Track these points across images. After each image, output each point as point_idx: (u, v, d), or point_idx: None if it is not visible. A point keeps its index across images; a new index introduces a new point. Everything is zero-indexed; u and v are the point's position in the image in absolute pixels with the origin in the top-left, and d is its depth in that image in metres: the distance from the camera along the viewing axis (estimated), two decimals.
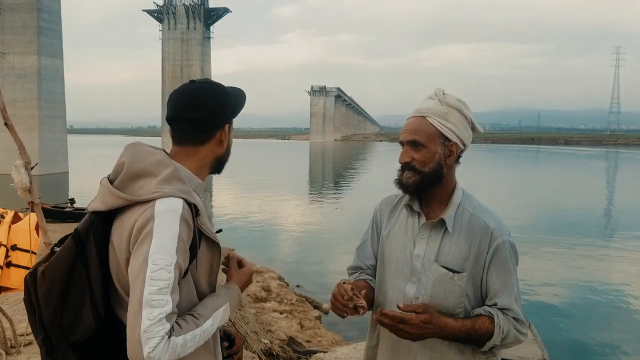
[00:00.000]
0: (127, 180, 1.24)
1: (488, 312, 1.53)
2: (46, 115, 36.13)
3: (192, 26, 61.70)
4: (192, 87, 1.35)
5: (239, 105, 1.41)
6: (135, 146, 1.31)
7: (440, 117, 1.55)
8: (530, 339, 4.78)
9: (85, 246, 1.21)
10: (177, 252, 1.15)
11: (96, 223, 1.24)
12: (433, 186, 1.58)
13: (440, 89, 1.61)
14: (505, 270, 1.54)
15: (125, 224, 1.20)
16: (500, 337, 1.50)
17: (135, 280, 1.13)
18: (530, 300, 9.40)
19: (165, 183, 1.21)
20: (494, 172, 41.75)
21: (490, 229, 1.54)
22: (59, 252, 1.23)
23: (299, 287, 10.06)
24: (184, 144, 1.34)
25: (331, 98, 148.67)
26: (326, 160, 68.36)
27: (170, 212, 1.17)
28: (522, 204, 22.99)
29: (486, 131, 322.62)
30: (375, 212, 1.78)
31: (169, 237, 1.15)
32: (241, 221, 18.37)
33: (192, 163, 1.34)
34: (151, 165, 1.24)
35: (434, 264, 1.56)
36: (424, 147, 1.55)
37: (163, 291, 1.11)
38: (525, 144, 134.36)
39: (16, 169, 5.30)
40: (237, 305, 1.38)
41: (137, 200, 1.20)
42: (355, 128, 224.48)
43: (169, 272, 1.13)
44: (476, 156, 62.05)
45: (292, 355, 5.74)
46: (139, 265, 1.13)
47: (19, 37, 35.38)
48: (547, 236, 15.46)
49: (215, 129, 1.34)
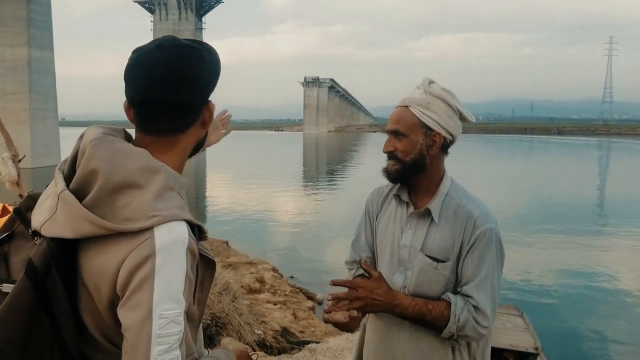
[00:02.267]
0: (104, 197, 0.93)
1: (447, 297, 1.52)
2: (37, 107, 35.73)
3: (184, 17, 61.22)
4: (167, 57, 1.00)
5: (218, 71, 1.10)
6: (106, 143, 0.98)
7: (422, 106, 1.55)
8: (522, 327, 4.80)
9: (46, 285, 0.90)
10: (184, 294, 0.92)
11: (58, 254, 0.92)
12: (416, 176, 1.59)
13: (427, 78, 1.60)
14: (480, 257, 1.52)
15: (105, 258, 0.92)
16: (456, 325, 1.48)
17: (137, 337, 0.88)
18: (522, 288, 9.46)
19: (160, 199, 0.93)
20: (487, 162, 41.87)
21: (474, 217, 1.54)
22: (11, 301, 0.89)
23: (293, 278, 10.05)
24: (160, 134, 1.03)
25: (324, 89, 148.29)
26: (320, 151, 68.26)
27: (175, 244, 0.92)
28: (515, 193, 23.09)
29: (479, 121, 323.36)
30: (367, 204, 1.78)
31: (176, 278, 0.91)
32: (235, 213, 18.32)
33: (172, 157, 1.04)
34: (136, 173, 0.94)
35: (420, 253, 1.57)
36: (406, 137, 1.56)
37: (173, 347, 0.90)
38: (519, 134, 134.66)
39: (3, 161, 5.23)
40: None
41: (127, 230, 0.90)
42: (349, 119, 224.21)
43: (179, 323, 0.91)
44: (469, 146, 62.23)
45: (285, 346, 5.76)
46: (140, 319, 0.88)
47: (8, 28, 34.82)
48: (541, 225, 15.52)
49: (200, 109, 1.05)
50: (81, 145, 1.00)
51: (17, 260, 0.98)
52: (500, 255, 1.57)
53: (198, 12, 62.35)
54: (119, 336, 0.93)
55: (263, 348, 5.51)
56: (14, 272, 0.97)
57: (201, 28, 62.90)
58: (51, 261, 0.91)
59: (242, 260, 10.47)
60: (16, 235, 1.03)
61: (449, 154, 1.64)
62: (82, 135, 1.02)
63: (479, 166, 35.58)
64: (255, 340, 5.55)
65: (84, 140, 1.00)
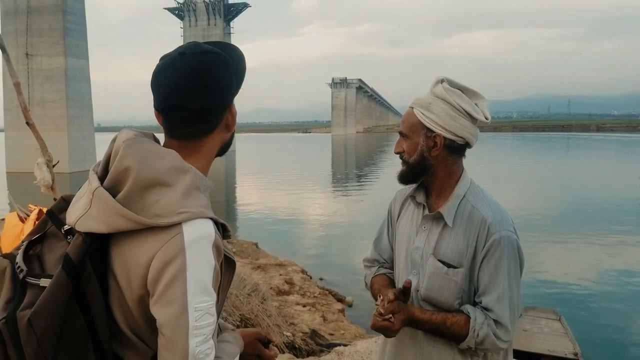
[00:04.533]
0: (136, 193, 0.96)
1: (467, 311, 1.49)
2: (74, 114, 36.94)
3: (213, 22, 62.17)
4: (188, 65, 1.04)
5: (243, 73, 1.13)
6: (138, 143, 1.02)
7: (423, 107, 1.53)
8: (560, 331, 4.61)
9: (81, 280, 0.94)
10: (213, 286, 0.97)
11: (93, 248, 0.96)
12: (420, 177, 1.57)
13: (440, 77, 1.57)
14: (497, 267, 1.47)
15: (136, 253, 0.95)
16: (474, 340, 1.46)
17: (174, 331, 0.92)
18: (561, 292, 9.15)
19: (188, 197, 0.97)
20: (520, 161, 40.87)
21: (487, 223, 1.49)
22: (50, 293, 0.93)
23: (322, 280, 10.01)
24: (185, 138, 1.07)
25: (352, 90, 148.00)
26: (349, 152, 68.12)
27: (202, 239, 0.95)
28: (551, 193, 22.44)
29: (513, 119, 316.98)
30: (390, 205, 1.78)
31: (206, 272, 0.95)
32: (264, 215, 18.42)
33: (198, 160, 1.09)
34: (166, 173, 0.98)
35: (431, 257, 1.55)
36: (408, 138, 1.56)
37: (208, 338, 0.95)
38: (555, 132, 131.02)
39: (38, 166, 5.36)
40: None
41: (157, 225, 0.94)
42: (378, 119, 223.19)
43: (212, 314, 0.96)
44: (502, 145, 60.88)
45: (314, 348, 5.71)
46: (176, 313, 0.91)
47: (45, 39, 36.20)
48: (580, 226, 15.02)
49: (223, 113, 1.09)
50: (114, 147, 1.04)
51: (50, 258, 1.02)
52: (519, 264, 1.51)
53: (226, 17, 63.19)
54: (146, 332, 0.98)
55: (292, 350, 5.48)
56: (49, 269, 1.00)
57: (229, 33, 63.70)
58: (86, 256, 0.95)
59: (271, 261, 10.49)
60: (48, 236, 1.07)
61: (465, 156, 1.59)
62: (114, 139, 1.07)
63: (523, 165, 34.76)
64: (284, 342, 5.52)
65: (117, 141, 1.04)
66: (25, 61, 35.94)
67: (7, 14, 36.82)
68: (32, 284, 0.97)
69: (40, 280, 0.96)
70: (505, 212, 1.54)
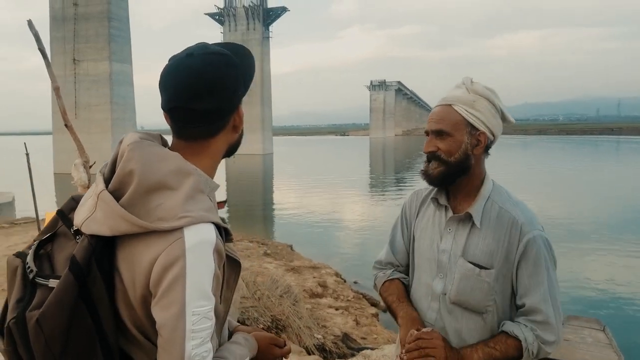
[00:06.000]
0: (139, 196, 0.98)
1: (515, 333, 1.45)
2: (118, 117, 38.26)
3: (252, 27, 63.21)
4: (193, 66, 1.04)
5: (251, 74, 1.13)
6: (143, 147, 1.03)
7: (467, 105, 1.49)
8: (604, 342, 4.36)
9: (87, 280, 0.96)
10: (212, 291, 0.98)
11: (98, 250, 0.98)
12: (459, 177, 1.52)
13: (468, 77, 1.55)
14: (536, 267, 1.45)
15: (139, 255, 0.97)
16: (530, 358, 1.44)
17: (172, 333, 0.94)
18: (605, 301, 8.74)
19: (191, 201, 0.98)
20: (567, 166, 39.47)
21: (519, 223, 1.47)
22: (57, 294, 0.95)
23: (356, 284, 9.90)
24: (191, 139, 1.08)
25: (391, 92, 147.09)
26: (387, 155, 67.62)
27: (203, 244, 0.96)
28: (595, 200, 21.54)
29: (560, 122, 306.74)
30: (404, 206, 1.75)
31: (206, 277, 0.96)
32: (300, 217, 18.48)
33: (203, 161, 1.09)
34: (169, 176, 0.99)
35: (460, 259, 1.51)
36: (450, 136, 1.49)
37: (205, 341, 0.96)
38: (604, 135, 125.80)
39: (75, 167, 5.51)
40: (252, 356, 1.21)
41: (159, 229, 0.95)
42: (417, 122, 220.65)
43: (210, 318, 0.97)
44: (547, 147, 59.03)
45: (345, 352, 5.64)
46: (174, 316, 0.94)
47: (91, 44, 37.72)
48: (626, 233, 14.32)
49: (229, 114, 1.09)
50: (120, 149, 1.06)
51: (60, 258, 1.04)
52: (553, 262, 1.49)
53: (265, 22, 64.06)
54: (151, 331, 1.00)
55: (322, 352, 5.43)
56: (58, 269, 1.02)
57: (268, 37, 64.55)
58: (92, 257, 0.97)
59: (305, 264, 10.48)
60: (59, 235, 1.09)
61: (490, 154, 1.58)
62: (121, 140, 1.08)
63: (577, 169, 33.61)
64: (315, 344, 5.47)
65: (123, 144, 1.06)
66: (73, 67, 37.57)
67: (56, 21, 38.53)
68: (41, 284, 0.99)
69: (49, 281, 0.99)
70: (533, 212, 1.52)
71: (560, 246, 12.34)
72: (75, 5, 37.62)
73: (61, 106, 3.19)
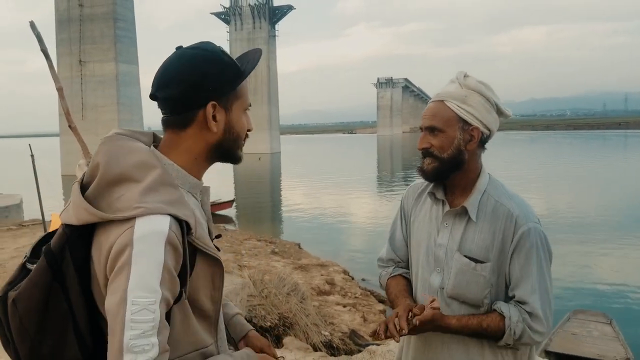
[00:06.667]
0: (102, 188, 1.02)
1: (501, 310, 1.47)
2: (124, 118, 38.36)
3: (258, 26, 63.20)
4: (170, 57, 1.10)
5: (229, 74, 1.11)
6: (112, 141, 1.07)
7: (459, 100, 1.49)
8: (611, 335, 4.36)
9: (62, 266, 1.01)
10: (161, 285, 0.96)
11: (72, 238, 1.02)
12: (453, 173, 1.52)
13: (462, 71, 1.55)
14: (527, 259, 1.45)
15: (103, 242, 1.00)
16: (512, 337, 1.45)
17: (113, 320, 0.94)
18: (612, 294, 8.68)
19: (151, 193, 1.00)
20: (576, 161, 39.17)
21: (514, 216, 1.47)
22: (31, 277, 1.02)
23: (364, 281, 9.92)
24: (168, 129, 1.12)
25: (398, 89, 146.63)
26: (394, 153, 67.46)
27: (153, 235, 0.96)
28: (605, 194, 21.38)
29: (566, 117, 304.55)
30: (402, 201, 1.75)
31: (152, 268, 0.95)
32: (307, 216, 18.50)
33: (180, 155, 1.11)
34: (132, 168, 1.02)
35: (457, 253, 1.51)
36: (442, 132, 1.50)
37: (147, 334, 0.93)
38: (611, 129, 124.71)
39: (80, 168, 5.59)
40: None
41: (115, 218, 0.98)
42: None
43: (153, 311, 0.94)
44: (556, 142, 58.62)
45: (352, 348, 5.67)
46: (117, 303, 0.94)
47: (97, 45, 37.82)
48: (636, 227, 14.22)
49: (193, 108, 1.09)
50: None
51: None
52: (548, 255, 1.49)
53: (271, 20, 64.07)
54: None
55: (329, 349, 5.45)
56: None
57: (274, 35, 64.57)
58: (65, 245, 1.02)
59: (313, 262, 10.51)
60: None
61: (486, 149, 1.57)
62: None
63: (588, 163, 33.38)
64: (322, 341, 5.50)
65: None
66: (79, 68, 37.72)
67: (61, 23, 38.64)
68: (29, 269, 1.07)
69: (34, 266, 1.06)
70: (529, 205, 1.52)
71: (568, 240, 12.29)
72: (81, 7, 37.73)
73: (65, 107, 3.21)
